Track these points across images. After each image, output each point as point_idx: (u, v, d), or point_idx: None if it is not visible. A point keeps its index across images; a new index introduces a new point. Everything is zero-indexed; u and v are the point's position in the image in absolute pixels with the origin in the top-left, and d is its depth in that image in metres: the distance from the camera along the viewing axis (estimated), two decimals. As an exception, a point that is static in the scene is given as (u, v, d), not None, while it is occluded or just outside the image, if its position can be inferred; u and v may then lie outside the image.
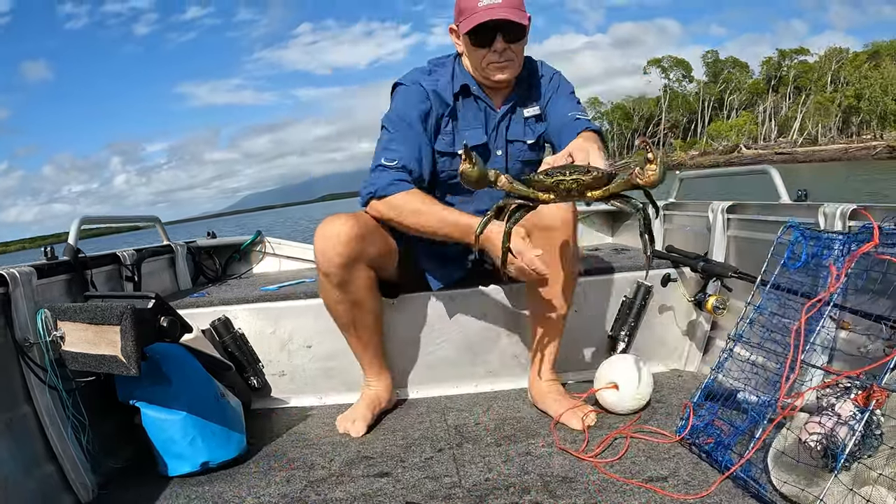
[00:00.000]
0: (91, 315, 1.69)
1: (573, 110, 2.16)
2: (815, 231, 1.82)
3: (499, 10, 1.97)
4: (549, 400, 2.13)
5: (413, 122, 2.11)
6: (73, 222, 2.31)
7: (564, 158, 1.69)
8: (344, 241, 1.95)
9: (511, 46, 2.06)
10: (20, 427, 1.73)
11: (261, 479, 1.83)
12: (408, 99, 2.16)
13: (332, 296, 2.08)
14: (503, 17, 1.97)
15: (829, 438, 1.36)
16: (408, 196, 2.01)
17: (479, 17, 1.98)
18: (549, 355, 2.19)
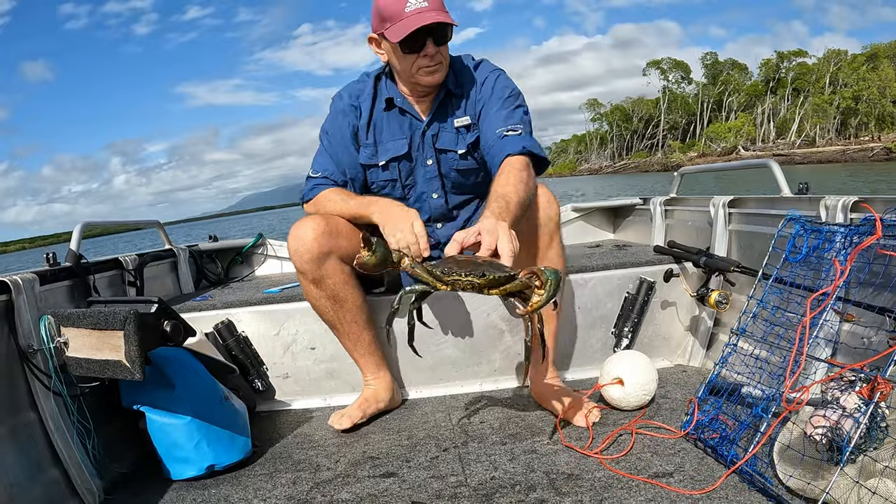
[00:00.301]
0: (94, 320, 1.69)
1: (503, 124, 2.05)
2: (816, 224, 1.82)
3: (427, 13, 1.92)
4: (552, 398, 2.13)
5: (335, 136, 2.22)
6: (75, 228, 2.31)
7: (474, 236, 1.54)
8: (312, 237, 2.04)
9: (440, 49, 2.02)
10: (25, 433, 1.74)
11: (267, 482, 1.83)
12: (334, 113, 2.23)
13: (312, 292, 2.14)
14: (435, 20, 1.92)
15: (835, 431, 1.36)
16: (325, 193, 2.17)
17: (410, 24, 1.91)
18: (546, 353, 2.17)
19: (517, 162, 1.91)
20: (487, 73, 2.17)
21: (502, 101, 2.10)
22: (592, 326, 2.53)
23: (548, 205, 2.03)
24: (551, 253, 2.05)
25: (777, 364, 1.73)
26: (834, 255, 1.69)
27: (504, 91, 2.13)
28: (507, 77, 2.18)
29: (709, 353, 2.52)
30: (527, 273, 1.40)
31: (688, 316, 2.58)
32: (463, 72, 2.19)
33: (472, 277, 1.40)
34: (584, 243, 3.56)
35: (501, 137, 2.01)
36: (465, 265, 1.42)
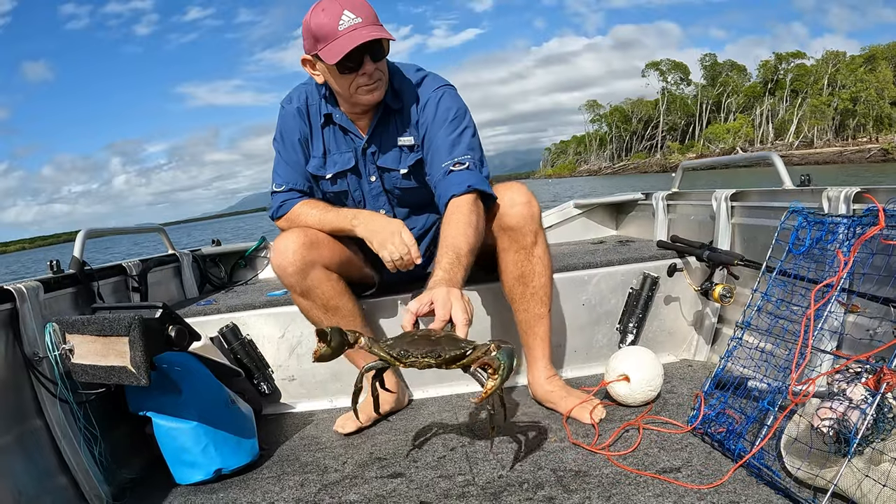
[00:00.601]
0: (99, 327, 1.69)
1: (448, 155, 1.99)
2: (819, 215, 1.82)
3: (362, 30, 1.83)
4: (555, 397, 2.13)
5: (289, 142, 2.16)
6: (77, 235, 2.31)
7: (427, 306, 1.59)
8: (293, 250, 2.01)
9: (378, 66, 1.93)
10: (33, 441, 1.74)
11: (275, 484, 1.83)
12: (284, 119, 2.17)
13: (303, 305, 2.14)
14: (370, 37, 1.82)
15: (842, 423, 1.36)
16: (297, 208, 2.13)
17: (345, 43, 1.82)
18: (542, 353, 2.17)
19: (464, 204, 1.90)
20: (430, 94, 2.08)
21: (447, 125, 2.03)
22: (597, 323, 2.52)
23: (528, 204, 2.02)
24: (538, 251, 2.04)
25: (782, 357, 1.73)
26: (837, 247, 1.69)
27: (447, 113, 2.04)
28: (451, 95, 2.09)
29: (714, 347, 2.52)
30: (482, 349, 1.46)
31: (692, 310, 2.57)
32: (404, 87, 2.10)
33: (429, 359, 1.46)
34: (587, 240, 3.57)
35: (447, 173, 1.97)
36: (421, 345, 1.48)
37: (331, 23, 1.82)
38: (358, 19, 1.82)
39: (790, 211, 1.89)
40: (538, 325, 2.13)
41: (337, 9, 1.82)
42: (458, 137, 2.02)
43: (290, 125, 2.15)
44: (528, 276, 2.06)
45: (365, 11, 1.84)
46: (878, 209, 1.58)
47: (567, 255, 2.82)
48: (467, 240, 1.81)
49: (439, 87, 2.09)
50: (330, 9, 1.82)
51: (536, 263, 2.05)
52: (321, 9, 1.84)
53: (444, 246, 1.80)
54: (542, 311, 2.11)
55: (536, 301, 2.09)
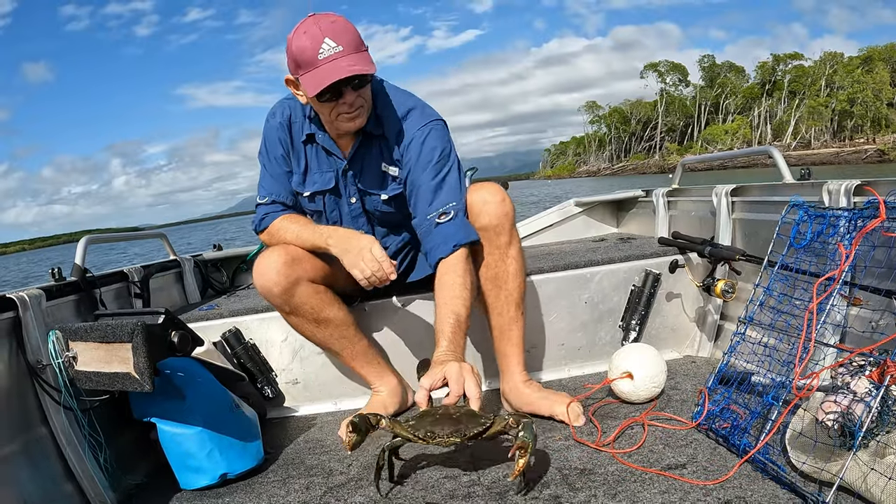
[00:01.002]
0: (102, 334, 1.69)
1: (433, 203, 1.97)
2: (819, 209, 1.82)
3: (342, 61, 1.78)
4: (533, 399, 2.09)
5: (275, 158, 2.15)
6: (79, 243, 2.32)
7: (440, 381, 1.66)
8: (275, 270, 1.99)
9: (360, 93, 1.90)
10: (37, 448, 1.75)
11: (280, 488, 1.83)
12: (268, 131, 2.15)
13: (293, 322, 2.14)
14: (349, 72, 1.78)
15: (846, 416, 1.36)
16: (278, 223, 2.13)
17: (324, 75, 1.79)
18: (517, 359, 2.12)
19: (455, 264, 1.90)
20: (415, 132, 2.02)
21: (431, 167, 1.98)
22: (600, 320, 2.52)
23: (502, 203, 1.98)
24: (512, 251, 2.01)
25: (786, 351, 1.72)
26: (838, 240, 1.68)
27: (432, 154, 1.99)
28: (437, 133, 2.03)
29: (717, 342, 2.52)
30: (500, 422, 1.60)
31: (694, 306, 2.57)
32: (387, 115, 2.05)
33: (455, 437, 1.56)
34: (588, 237, 3.56)
35: (434, 225, 1.95)
36: (446, 425, 1.59)
37: (311, 50, 1.79)
38: (339, 48, 1.79)
39: (791, 205, 1.88)
40: (512, 330, 2.09)
41: (318, 35, 1.78)
42: (442, 182, 1.98)
43: (274, 139, 2.13)
44: (503, 278, 2.03)
45: (346, 38, 1.81)
46: (879, 202, 1.58)
47: (568, 253, 2.82)
48: (464, 303, 1.85)
49: (425, 125, 2.03)
50: (311, 34, 1.79)
51: (511, 264, 2.02)
52: (303, 32, 1.81)
53: (444, 312, 1.83)
54: (517, 314, 2.07)
55: (511, 304, 2.06)
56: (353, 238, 1.95)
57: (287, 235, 2.08)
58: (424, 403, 1.67)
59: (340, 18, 1.83)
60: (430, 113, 2.07)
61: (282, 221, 2.12)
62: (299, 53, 1.81)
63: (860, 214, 1.65)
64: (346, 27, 1.82)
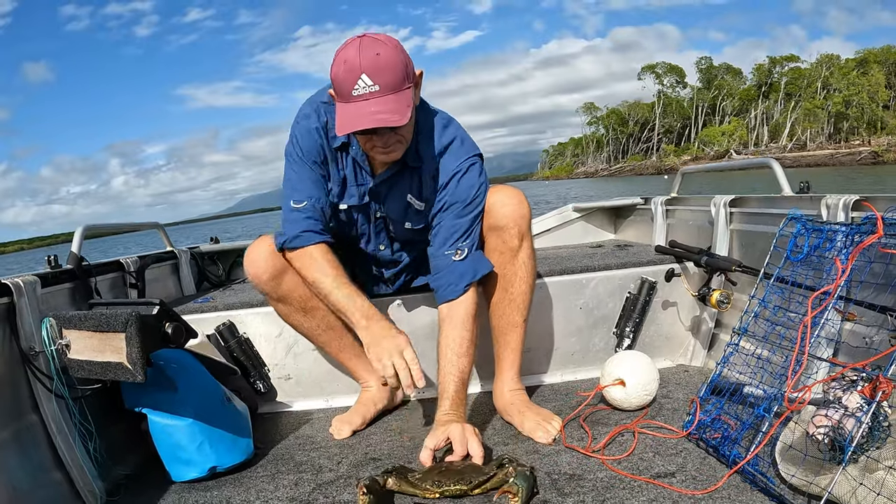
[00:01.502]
0: (96, 323, 1.69)
1: (451, 237, 1.95)
2: (817, 223, 1.82)
3: (374, 104, 1.67)
4: (513, 411, 2.07)
5: (313, 163, 1.97)
6: (76, 230, 2.31)
7: (444, 442, 1.74)
8: (264, 257, 2.00)
9: (397, 131, 1.79)
10: (28, 436, 1.74)
11: (269, 483, 1.83)
12: (306, 137, 1.95)
13: (282, 311, 2.14)
14: (376, 124, 1.68)
15: (837, 431, 1.36)
16: (313, 252, 1.94)
17: (351, 118, 1.69)
18: (511, 364, 2.12)
19: (462, 309, 1.93)
20: (455, 167, 1.95)
21: (462, 207, 1.94)
22: (594, 326, 2.52)
23: (519, 205, 1.97)
24: (522, 254, 2.00)
25: (779, 363, 1.73)
26: (835, 254, 1.69)
27: (468, 193, 1.94)
28: (475, 172, 1.96)
29: (710, 352, 2.52)
30: (503, 472, 1.62)
31: (689, 316, 2.58)
32: (426, 149, 1.96)
33: (460, 485, 1.60)
34: (585, 243, 3.57)
35: (450, 263, 1.94)
36: (452, 476, 1.63)
37: (347, 83, 1.67)
38: (375, 87, 1.65)
39: (789, 218, 1.89)
40: (511, 334, 2.08)
41: (356, 69, 1.65)
42: (466, 221, 1.95)
43: (312, 143, 1.95)
44: (509, 280, 2.02)
45: (386, 78, 1.66)
46: (877, 217, 1.59)
47: (565, 258, 2.82)
48: (469, 359, 1.91)
49: (465, 161, 1.95)
50: (350, 66, 1.66)
51: (520, 268, 2.01)
52: (343, 60, 1.68)
53: (448, 370, 1.88)
54: (518, 319, 2.06)
55: (514, 308, 2.04)
56: (388, 336, 1.83)
57: (315, 276, 1.92)
58: (429, 462, 1.73)
59: (388, 49, 1.68)
60: (468, 148, 1.98)
61: (317, 252, 1.94)
62: (336, 80, 1.71)
63: (857, 230, 1.66)
64: (391, 62, 1.67)
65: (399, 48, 1.71)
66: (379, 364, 1.79)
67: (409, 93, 1.73)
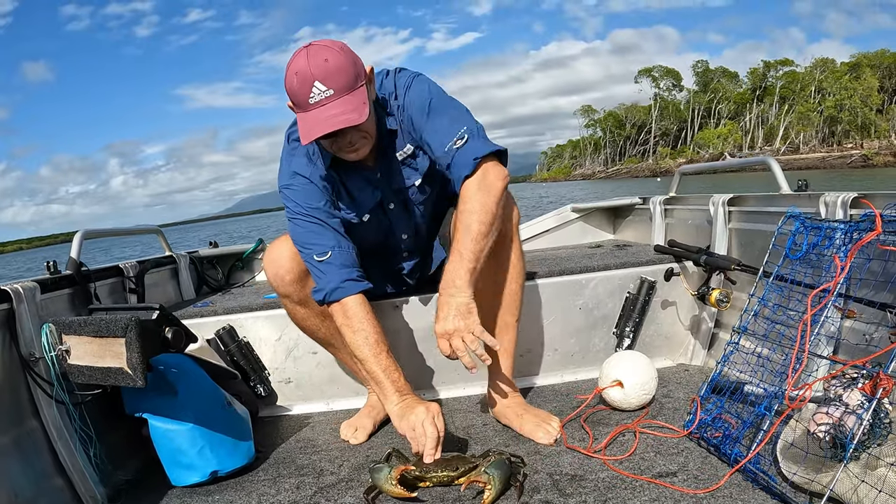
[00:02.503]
0: (96, 328, 1.69)
1: (447, 137, 1.85)
2: (816, 220, 1.82)
3: (332, 108, 1.68)
4: (511, 414, 2.06)
5: (321, 211, 1.92)
6: (75, 236, 2.31)
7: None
8: (288, 257, 1.98)
9: (359, 128, 1.77)
10: (28, 441, 1.74)
11: (270, 487, 1.83)
12: (303, 195, 1.92)
13: (299, 314, 2.10)
14: (334, 126, 1.68)
15: (838, 428, 1.36)
16: (354, 307, 1.88)
17: (312, 126, 1.70)
18: (504, 366, 2.09)
19: (473, 185, 1.80)
20: (403, 95, 1.92)
21: (428, 111, 1.88)
22: (594, 327, 2.52)
23: (505, 203, 1.90)
24: (511, 255, 1.97)
25: (779, 362, 1.73)
26: (834, 252, 1.69)
27: (422, 99, 1.89)
28: (419, 83, 1.93)
29: (710, 351, 2.52)
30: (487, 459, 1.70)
31: (689, 315, 2.58)
32: (391, 105, 1.94)
33: (447, 471, 1.68)
34: (584, 244, 3.57)
35: (452, 156, 1.84)
36: (440, 464, 1.69)
37: (302, 94, 1.69)
38: (329, 91, 1.67)
39: (787, 216, 1.89)
40: (503, 335, 2.04)
41: (308, 78, 1.67)
42: (444, 117, 1.88)
43: (313, 189, 1.93)
44: (500, 281, 2.00)
45: (338, 81, 1.68)
46: (875, 214, 1.59)
47: (564, 258, 2.82)
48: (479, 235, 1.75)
49: (405, 83, 1.93)
50: (301, 76, 1.68)
51: (509, 268, 1.99)
52: (294, 72, 1.69)
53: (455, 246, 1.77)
54: (510, 320, 2.04)
55: (504, 309, 2.02)
56: (421, 407, 1.78)
57: (356, 345, 1.87)
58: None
59: (335, 53, 1.69)
60: (404, 73, 1.96)
61: (360, 314, 1.88)
62: (290, 93, 1.73)
63: (856, 227, 1.66)
64: (340, 65, 1.69)
65: (346, 50, 1.73)
66: (412, 433, 1.74)
67: (364, 90, 1.73)
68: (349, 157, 1.86)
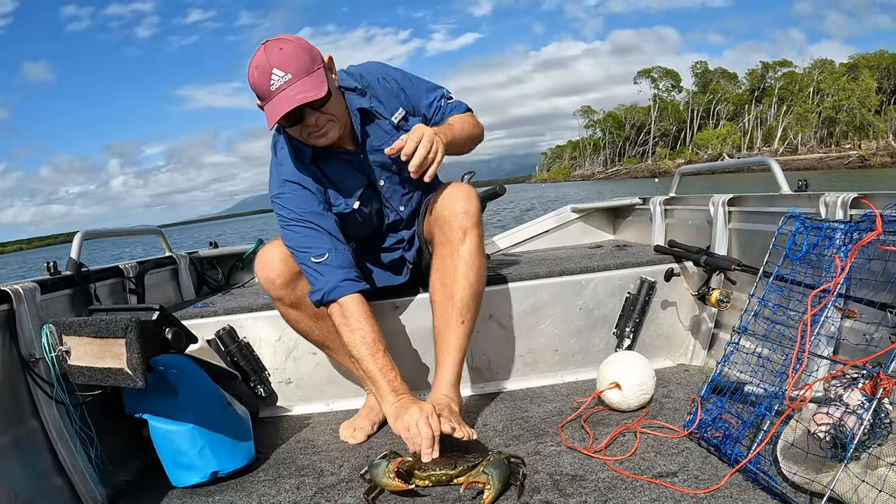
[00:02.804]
0: (96, 329, 1.69)
1: (431, 96, 2.11)
2: (816, 221, 1.82)
3: (292, 90, 1.74)
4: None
5: (315, 215, 1.94)
6: (75, 237, 2.31)
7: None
8: (279, 259, 2.00)
9: (322, 111, 1.82)
10: (28, 442, 1.74)
11: (271, 487, 1.83)
12: (295, 203, 1.95)
13: (292, 316, 2.11)
14: (296, 102, 1.73)
15: (838, 428, 1.36)
16: (352, 305, 1.89)
17: (275, 108, 1.75)
18: (449, 369, 1.97)
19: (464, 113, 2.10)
20: (373, 71, 2.04)
21: (409, 78, 2.10)
22: (594, 327, 2.52)
23: (464, 200, 1.95)
24: (463, 251, 1.93)
25: (779, 362, 1.73)
26: (834, 252, 1.69)
27: (398, 71, 2.09)
28: (382, 64, 2.12)
29: (711, 352, 2.52)
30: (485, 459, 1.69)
31: (689, 315, 2.58)
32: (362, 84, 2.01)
33: (446, 469, 1.66)
34: (584, 244, 3.57)
35: (443, 111, 2.10)
36: (440, 463, 1.68)
37: (263, 84, 1.75)
38: (287, 76, 1.73)
39: (787, 216, 1.89)
40: (450, 334, 1.96)
41: (266, 67, 1.74)
42: (423, 83, 2.13)
43: (306, 199, 1.96)
44: (450, 276, 1.95)
45: (295, 65, 1.74)
46: (876, 215, 1.59)
47: (564, 259, 2.82)
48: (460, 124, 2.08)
49: (371, 66, 2.09)
50: (261, 67, 1.75)
51: (460, 264, 1.93)
52: (254, 66, 1.77)
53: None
54: (457, 319, 1.95)
55: (452, 307, 1.95)
56: (411, 411, 1.73)
57: (354, 345, 1.87)
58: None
59: (289, 42, 1.77)
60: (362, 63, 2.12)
61: (357, 312, 1.89)
62: (255, 88, 1.79)
63: (856, 227, 1.66)
64: (296, 51, 1.76)
65: (300, 39, 1.81)
66: (407, 433, 1.71)
67: (321, 72, 1.79)
68: (319, 143, 1.90)
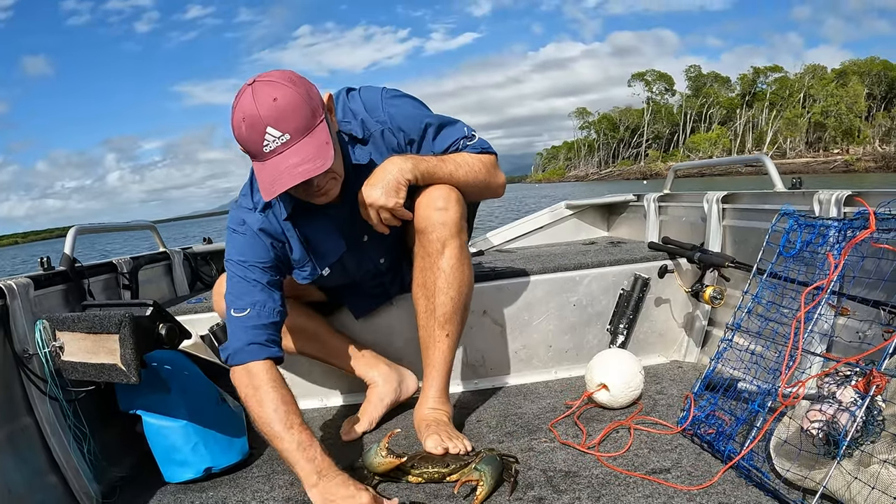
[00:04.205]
0: (89, 324, 1.68)
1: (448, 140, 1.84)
2: (810, 218, 1.83)
3: (291, 155, 1.50)
4: (422, 428, 1.87)
5: (257, 268, 1.77)
6: (68, 233, 2.30)
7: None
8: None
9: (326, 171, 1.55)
10: (22, 438, 1.73)
11: (264, 483, 1.83)
12: (244, 247, 1.79)
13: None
14: (304, 176, 1.50)
15: (831, 426, 1.37)
16: (260, 372, 1.68)
17: (273, 179, 1.51)
18: (435, 381, 1.92)
19: (478, 154, 1.85)
20: (387, 122, 1.78)
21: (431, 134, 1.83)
22: (588, 324, 2.53)
23: (442, 210, 1.77)
24: (443, 263, 1.80)
25: (772, 359, 1.73)
26: (828, 250, 1.69)
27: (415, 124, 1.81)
28: (397, 99, 1.82)
29: (704, 348, 2.53)
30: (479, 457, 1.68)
31: (683, 312, 2.58)
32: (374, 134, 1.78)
33: (438, 467, 1.67)
34: (578, 240, 3.57)
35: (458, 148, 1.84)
36: (434, 460, 1.70)
37: (254, 142, 1.50)
38: (285, 136, 1.48)
39: (781, 213, 1.89)
40: (433, 349, 1.88)
41: (258, 123, 1.48)
42: (441, 131, 1.84)
43: (259, 249, 1.79)
44: (430, 289, 1.83)
45: (293, 123, 1.49)
46: (869, 212, 1.59)
47: (558, 255, 2.83)
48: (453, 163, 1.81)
49: (386, 109, 1.79)
50: (251, 119, 1.49)
51: (439, 277, 1.81)
52: (241, 117, 1.50)
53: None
54: (440, 334, 1.86)
55: (434, 321, 1.85)
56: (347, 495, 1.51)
57: (265, 421, 1.64)
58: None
59: (284, 89, 1.50)
60: (368, 90, 1.84)
61: (263, 382, 1.67)
62: (243, 143, 1.54)
63: (850, 225, 1.66)
64: (293, 104, 1.49)
65: (297, 81, 1.54)
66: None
67: (324, 128, 1.55)
68: (319, 202, 1.70)
